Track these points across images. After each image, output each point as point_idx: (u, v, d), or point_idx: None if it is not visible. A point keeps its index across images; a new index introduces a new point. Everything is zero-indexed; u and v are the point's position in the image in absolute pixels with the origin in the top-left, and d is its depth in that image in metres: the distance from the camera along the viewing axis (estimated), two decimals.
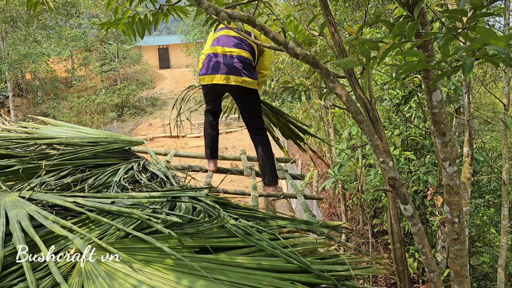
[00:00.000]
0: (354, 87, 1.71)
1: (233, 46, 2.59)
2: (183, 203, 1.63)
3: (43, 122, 2.67)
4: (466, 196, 3.69)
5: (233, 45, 2.60)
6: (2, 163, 1.86)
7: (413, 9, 1.30)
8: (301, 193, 2.59)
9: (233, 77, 2.53)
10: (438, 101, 1.46)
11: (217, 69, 2.57)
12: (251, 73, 2.58)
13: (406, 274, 2.56)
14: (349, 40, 1.35)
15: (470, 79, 3.65)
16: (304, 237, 1.51)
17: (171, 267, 1.21)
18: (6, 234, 1.28)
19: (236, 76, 2.53)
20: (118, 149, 2.36)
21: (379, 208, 6.35)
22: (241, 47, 2.60)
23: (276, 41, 1.49)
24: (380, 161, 1.65)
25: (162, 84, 28.44)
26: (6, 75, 18.61)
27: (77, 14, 24.08)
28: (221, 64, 2.56)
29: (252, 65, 2.64)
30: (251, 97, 2.68)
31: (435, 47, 2.35)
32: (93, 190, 1.85)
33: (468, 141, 3.58)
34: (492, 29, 4.78)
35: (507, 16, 3.76)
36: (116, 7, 1.92)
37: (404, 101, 4.71)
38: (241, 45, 2.61)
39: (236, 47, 2.59)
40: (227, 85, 2.57)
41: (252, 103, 2.73)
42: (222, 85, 2.59)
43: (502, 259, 3.85)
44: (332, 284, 1.27)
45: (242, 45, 2.61)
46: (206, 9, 1.42)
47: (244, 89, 2.58)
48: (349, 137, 6.10)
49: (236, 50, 2.58)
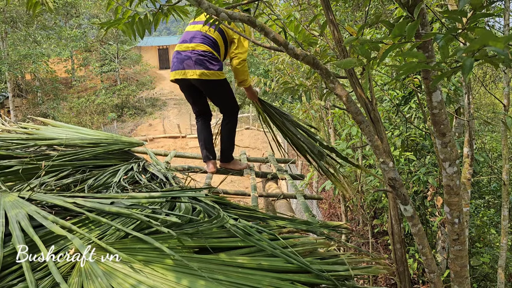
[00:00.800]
0: (355, 87, 1.71)
1: (190, 41, 2.71)
2: (182, 204, 1.63)
3: (43, 123, 2.68)
4: (466, 196, 3.69)
5: (190, 40, 2.71)
6: (2, 164, 1.86)
7: (413, 10, 1.30)
8: (301, 193, 2.59)
9: (189, 71, 2.67)
10: (438, 101, 1.46)
11: (177, 66, 2.73)
12: (211, 64, 2.66)
13: (406, 275, 2.55)
14: (349, 40, 1.35)
15: (470, 79, 3.66)
16: (304, 237, 1.51)
17: (170, 267, 1.21)
18: (6, 234, 1.28)
19: (192, 70, 2.66)
20: (118, 150, 2.36)
21: (379, 208, 6.35)
22: (198, 41, 2.69)
23: (276, 42, 1.49)
24: (380, 162, 1.65)
25: (162, 84, 28.45)
26: (6, 76, 18.62)
27: (77, 14, 24.10)
28: (179, 60, 2.71)
29: (213, 57, 2.69)
30: (215, 87, 2.77)
31: (435, 48, 2.35)
32: (93, 190, 1.85)
33: (468, 141, 3.58)
34: (491, 30, 4.78)
35: (507, 16, 3.76)
36: (116, 7, 1.92)
37: (404, 102, 4.71)
38: (198, 39, 2.70)
39: (192, 42, 2.70)
40: (186, 79, 2.70)
41: (217, 93, 2.83)
42: (182, 80, 2.73)
43: (502, 259, 3.84)
44: (332, 284, 1.27)
45: (199, 39, 2.70)
46: (206, 10, 1.42)
47: (205, 81, 2.69)
48: (349, 137, 6.10)
49: (192, 45, 2.69)
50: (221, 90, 2.81)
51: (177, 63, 2.73)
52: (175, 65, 2.75)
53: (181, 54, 2.72)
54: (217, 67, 2.70)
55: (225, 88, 2.83)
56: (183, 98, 25.65)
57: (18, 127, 2.46)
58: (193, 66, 2.65)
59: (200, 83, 2.73)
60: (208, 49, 2.68)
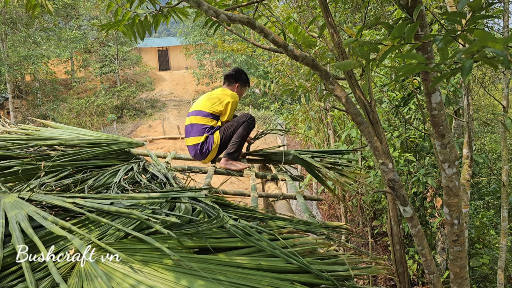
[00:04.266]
0: (354, 89, 1.72)
1: (188, 137, 3.27)
2: (182, 204, 1.64)
3: (43, 125, 2.68)
4: (466, 197, 3.69)
5: (188, 136, 3.27)
6: (1, 164, 1.86)
7: (412, 11, 1.30)
8: (301, 194, 2.59)
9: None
10: (437, 103, 1.46)
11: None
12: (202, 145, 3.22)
13: (406, 276, 2.56)
14: (348, 42, 1.36)
15: (469, 81, 3.66)
16: (304, 238, 1.51)
17: (170, 267, 1.21)
18: (5, 235, 1.28)
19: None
20: (118, 150, 2.37)
21: (378, 209, 6.35)
22: (192, 135, 3.22)
23: (275, 43, 1.49)
24: (379, 163, 1.65)
25: (161, 86, 28.46)
26: (6, 77, 18.63)
27: (77, 16, 24.11)
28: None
29: (209, 134, 3.20)
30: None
31: (434, 49, 2.36)
32: (93, 191, 1.85)
33: (468, 143, 3.58)
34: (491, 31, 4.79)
35: (506, 18, 3.77)
36: (116, 9, 1.93)
37: (404, 103, 4.71)
38: (191, 133, 3.23)
39: (189, 136, 3.26)
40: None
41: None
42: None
43: (501, 260, 3.85)
44: (332, 284, 1.28)
45: (192, 134, 3.22)
46: (206, 11, 1.43)
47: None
48: (349, 139, 6.10)
49: (188, 139, 3.26)
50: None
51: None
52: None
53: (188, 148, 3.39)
54: (207, 133, 3.25)
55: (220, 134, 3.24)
56: (182, 99, 25.69)
57: (18, 128, 2.46)
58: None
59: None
60: (199, 141, 3.24)
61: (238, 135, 3.16)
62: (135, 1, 1.94)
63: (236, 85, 3.39)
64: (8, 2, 2.22)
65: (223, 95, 3.25)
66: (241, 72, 3.43)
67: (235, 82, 3.39)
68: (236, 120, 3.23)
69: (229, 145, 3.17)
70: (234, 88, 3.39)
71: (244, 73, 3.45)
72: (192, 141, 3.23)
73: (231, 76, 3.41)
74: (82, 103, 22.42)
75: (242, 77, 3.41)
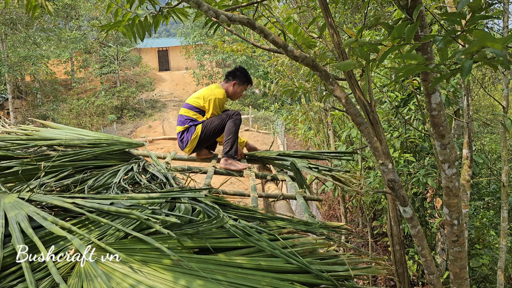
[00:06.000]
0: (354, 89, 1.72)
1: (177, 125, 3.45)
2: (182, 204, 1.64)
3: (43, 125, 2.68)
4: (466, 198, 3.69)
5: (178, 124, 3.44)
6: (2, 165, 1.86)
7: (412, 12, 1.30)
8: (301, 194, 2.59)
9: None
10: (437, 103, 1.46)
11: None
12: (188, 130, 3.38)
13: (405, 276, 2.55)
14: (348, 42, 1.36)
15: (469, 81, 3.66)
16: (304, 238, 1.51)
17: (170, 267, 1.21)
18: (5, 235, 1.28)
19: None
20: (118, 151, 2.37)
21: (378, 210, 6.35)
22: (178, 124, 3.41)
23: (275, 44, 1.50)
24: (379, 163, 1.66)
25: (161, 86, 28.47)
26: (6, 77, 18.64)
27: (77, 16, 24.12)
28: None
29: (190, 125, 3.35)
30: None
31: (434, 50, 2.36)
32: (92, 191, 1.85)
33: (467, 143, 3.58)
34: (491, 32, 4.79)
35: (506, 18, 3.78)
36: (116, 9, 1.93)
37: (403, 104, 4.72)
38: (178, 123, 3.41)
39: (177, 125, 3.44)
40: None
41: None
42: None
43: (501, 261, 3.84)
44: (332, 284, 1.28)
45: (178, 123, 3.40)
46: (205, 12, 1.43)
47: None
48: (349, 139, 6.10)
49: (177, 128, 3.44)
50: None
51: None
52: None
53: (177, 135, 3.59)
54: (193, 123, 3.40)
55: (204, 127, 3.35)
56: (182, 100, 25.67)
57: (18, 129, 2.46)
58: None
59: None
60: (184, 128, 3.41)
61: (228, 132, 3.20)
62: (135, 1, 1.94)
63: (233, 82, 3.40)
64: (8, 2, 2.22)
65: (209, 91, 3.34)
66: (242, 70, 3.44)
67: (233, 80, 3.42)
68: (219, 116, 3.28)
69: (223, 144, 3.22)
70: (230, 85, 3.41)
71: (245, 71, 3.46)
72: (177, 129, 3.44)
73: (230, 73, 3.46)
74: (82, 103, 22.43)
75: (241, 75, 3.42)
